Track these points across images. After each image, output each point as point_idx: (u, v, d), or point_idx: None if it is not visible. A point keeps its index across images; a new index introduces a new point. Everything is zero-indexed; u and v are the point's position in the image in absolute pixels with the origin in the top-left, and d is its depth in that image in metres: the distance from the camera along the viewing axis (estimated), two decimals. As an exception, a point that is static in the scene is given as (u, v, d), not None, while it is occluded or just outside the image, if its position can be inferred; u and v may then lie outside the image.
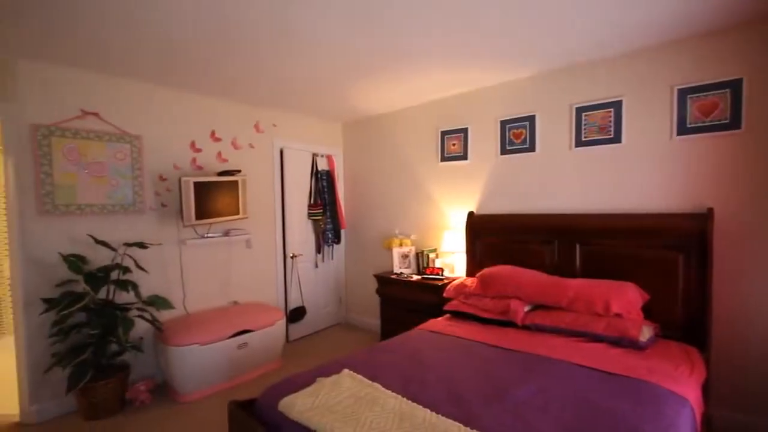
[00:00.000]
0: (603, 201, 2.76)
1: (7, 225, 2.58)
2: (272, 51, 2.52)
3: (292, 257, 4.10)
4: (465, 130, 3.49)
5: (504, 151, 3.24)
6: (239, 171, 3.42)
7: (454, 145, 3.58)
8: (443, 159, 3.67)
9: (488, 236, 3.25)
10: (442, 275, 3.43)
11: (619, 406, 1.55)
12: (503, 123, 3.22)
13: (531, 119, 3.07)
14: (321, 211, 4.28)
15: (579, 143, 2.83)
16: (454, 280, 3.25)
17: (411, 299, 3.44)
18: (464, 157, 3.51)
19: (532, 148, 3.08)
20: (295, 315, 4.08)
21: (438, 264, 3.60)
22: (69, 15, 2.02)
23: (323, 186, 4.34)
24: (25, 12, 1.98)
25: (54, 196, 2.61)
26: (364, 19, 2.13)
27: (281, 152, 4.02)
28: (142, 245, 2.84)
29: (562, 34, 2.34)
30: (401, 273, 3.69)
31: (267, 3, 1.94)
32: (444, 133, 3.65)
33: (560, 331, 2.36)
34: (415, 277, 3.52)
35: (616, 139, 2.67)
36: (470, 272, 3.31)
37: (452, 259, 3.59)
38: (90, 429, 2.54)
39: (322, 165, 4.38)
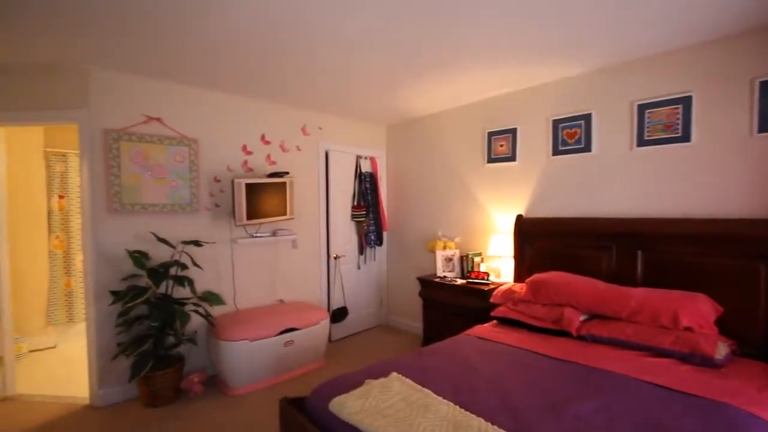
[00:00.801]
0: (669, 204, 2.55)
1: (82, 222, 2.81)
2: (323, 56, 2.58)
3: (335, 258, 4.15)
4: (513, 131, 3.37)
5: (556, 152, 3.10)
6: (287, 173, 3.52)
7: (501, 146, 3.47)
8: (490, 160, 3.57)
9: (538, 240, 3.12)
10: (487, 280, 3.33)
11: (693, 429, 1.42)
12: (556, 122, 3.08)
13: (586, 118, 2.91)
14: (364, 212, 4.30)
15: (641, 143, 2.64)
16: (501, 285, 3.15)
17: (455, 303, 3.37)
18: (512, 158, 3.39)
19: (587, 148, 2.91)
20: (338, 315, 4.12)
21: (483, 268, 3.51)
22: (136, 26, 2.17)
23: (366, 188, 4.36)
24: (97, 23, 2.14)
25: (121, 196, 2.81)
26: (416, 19, 2.11)
27: (326, 154, 4.09)
28: (197, 243, 2.99)
29: (627, 24, 2.20)
30: (445, 276, 3.63)
31: (320, 9, 1.97)
32: (491, 134, 3.55)
33: (619, 343, 2.20)
34: (460, 281, 3.44)
35: (685, 137, 2.46)
36: (518, 278, 3.19)
37: (498, 263, 3.48)
38: (150, 416, 2.70)
39: (365, 167, 4.41)
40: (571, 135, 3.00)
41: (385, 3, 1.94)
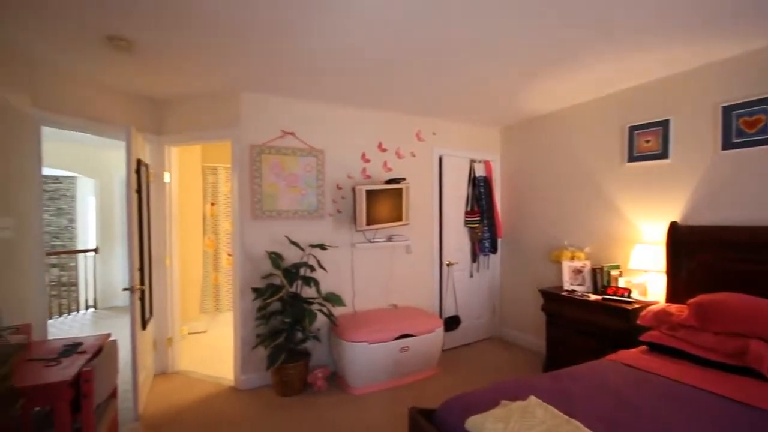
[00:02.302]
0: None
1: (232, 227, 3.23)
2: (445, 64, 2.54)
3: (447, 265, 4.06)
4: (665, 123, 2.87)
5: (728, 146, 2.53)
6: (404, 179, 3.56)
7: (647, 141, 2.98)
8: (632, 159, 3.10)
9: (698, 253, 2.59)
10: (629, 297, 2.87)
11: None
12: (727, 110, 2.52)
13: (775, 101, 2.31)
14: (478, 218, 4.13)
15: None
16: (649, 305, 2.69)
17: (586, 321, 2.98)
18: (663, 155, 2.88)
19: (776, 140, 2.32)
20: (450, 324, 4.01)
21: (622, 283, 3.04)
22: (278, 53, 2.43)
23: (480, 192, 4.19)
24: (249, 54, 2.45)
25: (262, 204, 3.15)
26: (559, 6, 1.92)
27: (440, 159, 4.04)
28: (322, 247, 3.19)
29: None
30: (573, 290, 3.25)
31: (450, 19, 1.93)
32: (633, 129, 3.08)
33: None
34: (593, 297, 3.04)
35: None
36: (672, 297, 2.69)
37: (643, 278, 2.98)
38: (282, 404, 2.95)
39: (479, 171, 4.24)
40: (751, 124, 2.42)
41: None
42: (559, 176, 3.77)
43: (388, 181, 3.52)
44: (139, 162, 2.90)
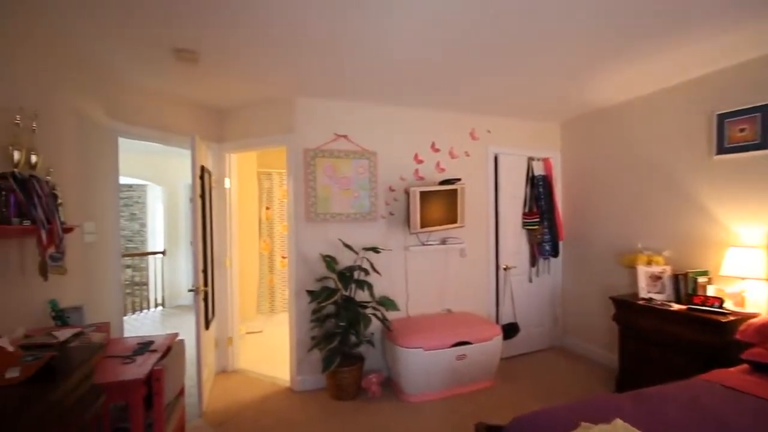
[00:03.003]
0: None
1: (288, 230, 3.29)
2: (504, 60, 2.40)
3: (504, 269, 3.86)
4: (764, 109, 2.50)
5: None
6: (459, 179, 3.43)
7: (742, 130, 2.62)
8: (722, 151, 2.74)
9: (813, 259, 2.21)
10: (721, 308, 2.53)
11: None
12: None
13: None
14: (537, 220, 3.88)
15: None
16: (748, 317, 2.35)
17: (669, 334, 2.67)
18: (762, 145, 2.52)
19: None
20: (508, 331, 3.79)
21: (712, 292, 2.69)
22: (331, 56, 2.44)
23: (539, 192, 3.94)
24: (301, 61, 2.50)
25: (316, 207, 3.17)
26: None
27: (495, 158, 3.86)
28: (376, 250, 3.15)
29: None
30: (651, 299, 2.93)
31: (498, 21, 1.80)
32: (723, 117, 2.72)
33: None
34: (676, 307, 2.72)
35: None
36: (779, 309, 2.32)
37: (739, 287, 2.61)
38: (337, 408, 2.93)
39: (538, 169, 3.99)
40: None
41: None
42: (631, 172, 3.44)
43: (442, 182, 3.41)
44: (202, 169, 3.03)
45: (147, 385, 1.75)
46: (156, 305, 6.27)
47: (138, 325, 5.43)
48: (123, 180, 7.00)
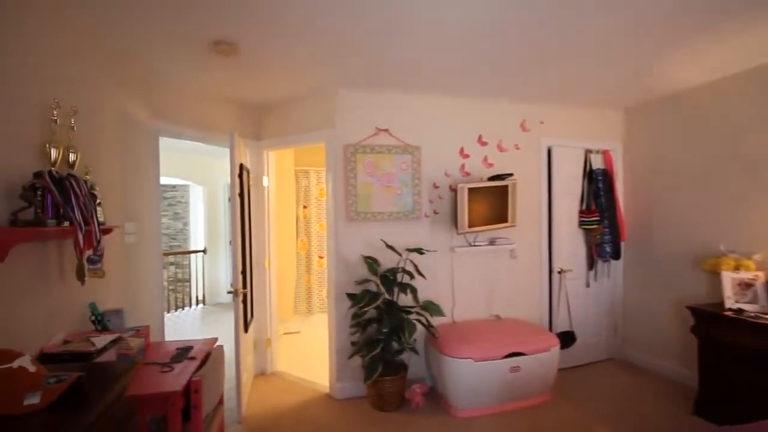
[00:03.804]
0: None
1: (327, 230, 3.15)
2: (566, 38, 2.11)
3: (559, 272, 3.53)
4: None
5: None
6: (510, 174, 3.15)
7: None
8: (837, 137, 2.30)
9: None
10: (837, 324, 2.12)
11: None
12: None
13: None
14: (597, 218, 3.52)
15: None
16: None
17: (764, 350, 2.28)
18: None
19: None
20: (563, 341, 3.45)
21: (821, 304, 2.27)
22: (372, 42, 2.25)
23: (599, 188, 3.57)
24: (342, 51, 2.34)
25: (357, 205, 3.01)
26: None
27: (549, 151, 3.53)
28: (420, 251, 2.94)
29: None
30: (741, 309, 2.53)
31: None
32: (838, 96, 2.28)
33: None
34: (775, 320, 2.32)
35: None
36: None
37: None
38: (379, 419, 2.76)
39: (596, 163, 3.62)
40: None
41: None
42: (712, 165, 3.01)
43: (492, 178, 3.14)
44: (241, 167, 2.94)
45: (185, 395, 1.64)
46: (197, 303, 6.38)
47: (180, 323, 5.53)
48: (167, 180, 7.27)
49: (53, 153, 1.53)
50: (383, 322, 2.81)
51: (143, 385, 1.58)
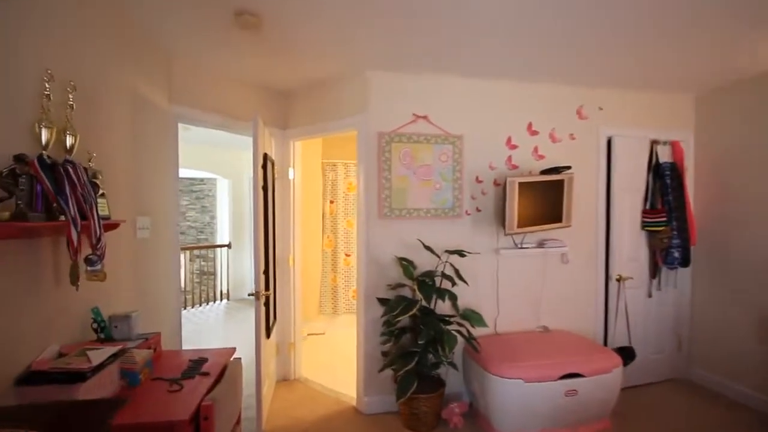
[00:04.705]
0: None
1: (357, 227, 2.85)
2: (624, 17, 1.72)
3: (617, 280, 3.10)
4: None
5: None
6: (568, 167, 2.76)
7: None
8: None
9: None
10: None
11: None
12: None
13: None
14: (663, 219, 3.07)
15: None
16: None
17: None
18: None
19: None
20: (622, 358, 3.05)
21: None
22: (410, 19, 1.93)
23: (666, 184, 3.11)
24: (376, 25, 2.05)
25: (390, 201, 2.70)
26: None
27: (608, 142, 3.10)
28: (461, 253, 2.60)
29: None
30: None
31: None
32: None
33: None
34: None
35: None
36: None
37: None
38: (415, 441, 2.46)
39: (664, 156, 3.16)
40: None
41: None
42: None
43: (545, 171, 2.76)
44: (265, 157, 2.69)
45: (194, 422, 1.39)
46: (221, 298, 6.28)
47: (203, 319, 5.41)
48: (194, 173, 7.21)
49: (44, 134, 1.29)
50: (419, 333, 2.50)
51: (145, 410, 1.33)
